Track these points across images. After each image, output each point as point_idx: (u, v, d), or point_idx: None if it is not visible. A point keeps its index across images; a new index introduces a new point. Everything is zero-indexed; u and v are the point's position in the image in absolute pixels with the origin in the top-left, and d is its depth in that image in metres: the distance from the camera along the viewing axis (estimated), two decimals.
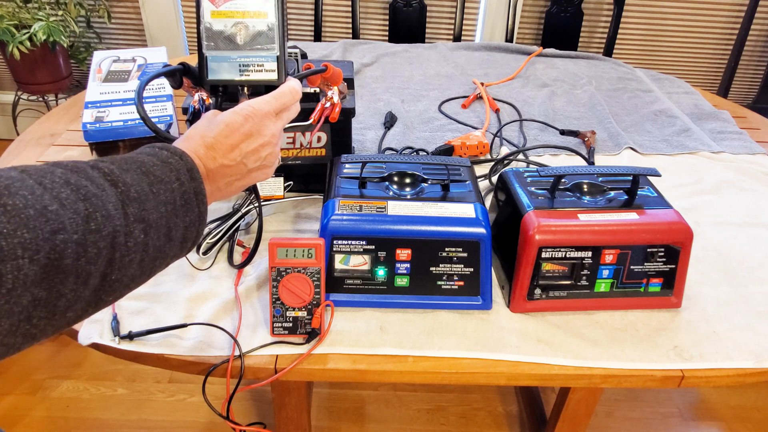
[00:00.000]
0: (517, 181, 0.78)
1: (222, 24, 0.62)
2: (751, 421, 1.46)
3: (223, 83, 0.64)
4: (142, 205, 0.45)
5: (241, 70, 0.63)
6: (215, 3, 0.61)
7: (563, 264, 0.70)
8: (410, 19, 2.06)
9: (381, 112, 1.24)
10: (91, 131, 1.01)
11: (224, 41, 0.62)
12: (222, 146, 0.54)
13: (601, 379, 0.67)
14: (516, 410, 1.45)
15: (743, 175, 1.07)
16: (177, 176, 0.49)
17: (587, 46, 2.31)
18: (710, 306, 0.76)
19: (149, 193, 0.46)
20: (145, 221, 0.45)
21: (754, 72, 2.39)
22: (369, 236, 0.69)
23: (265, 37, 0.62)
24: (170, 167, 0.49)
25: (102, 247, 0.42)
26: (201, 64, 0.63)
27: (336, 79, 0.80)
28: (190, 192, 0.49)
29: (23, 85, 2.10)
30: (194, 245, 0.52)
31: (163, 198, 0.47)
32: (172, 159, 0.50)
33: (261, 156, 0.58)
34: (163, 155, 0.50)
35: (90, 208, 0.42)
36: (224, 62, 0.63)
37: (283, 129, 0.61)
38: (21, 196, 0.38)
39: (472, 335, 0.69)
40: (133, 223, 0.44)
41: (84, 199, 0.42)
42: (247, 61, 0.63)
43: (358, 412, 1.42)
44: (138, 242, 0.45)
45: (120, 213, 0.44)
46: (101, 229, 0.42)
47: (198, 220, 0.51)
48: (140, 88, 0.59)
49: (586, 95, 1.37)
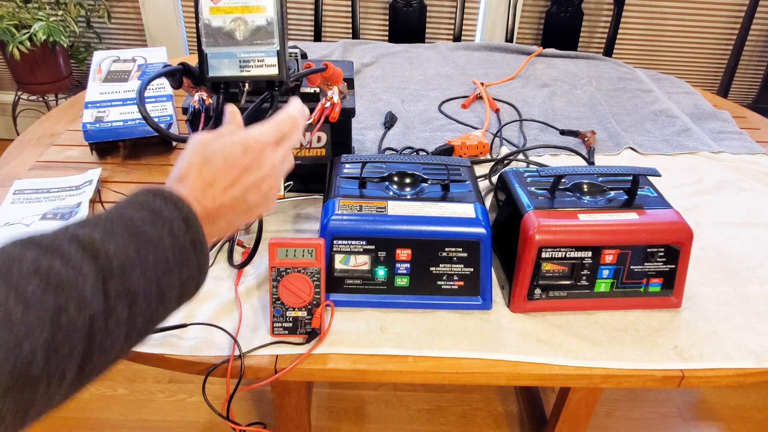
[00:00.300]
0: (517, 181, 0.78)
1: (221, 20, 0.61)
2: (751, 421, 1.46)
3: (224, 80, 0.63)
4: (127, 277, 0.42)
5: (242, 66, 0.63)
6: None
7: (563, 264, 0.70)
8: (410, 19, 2.06)
9: (381, 112, 1.24)
10: (91, 131, 1.01)
11: (224, 37, 0.62)
12: (221, 183, 0.50)
13: (601, 379, 0.67)
14: (516, 410, 1.45)
15: (743, 175, 1.07)
16: (170, 230, 0.45)
17: (587, 46, 2.31)
18: (710, 306, 0.76)
19: (135, 260, 0.42)
20: (130, 294, 0.41)
21: (754, 72, 2.39)
22: (369, 236, 0.69)
23: (264, 32, 0.62)
24: (163, 220, 0.45)
25: (76, 342, 0.38)
26: (201, 61, 0.62)
27: (336, 79, 0.80)
28: (186, 245, 0.45)
29: (23, 85, 2.10)
30: (195, 295, 0.48)
31: (153, 260, 0.43)
32: (165, 209, 0.45)
33: (262, 190, 0.54)
34: (156, 205, 0.45)
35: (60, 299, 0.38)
36: (224, 58, 0.62)
37: (284, 156, 0.57)
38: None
39: (472, 335, 0.69)
40: (115, 299, 0.41)
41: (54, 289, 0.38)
42: (248, 57, 0.62)
43: (358, 412, 1.42)
44: (121, 320, 0.41)
45: (99, 294, 0.40)
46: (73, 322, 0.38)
47: (197, 272, 0.47)
48: (141, 88, 0.59)
49: (586, 95, 1.37)
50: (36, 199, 0.91)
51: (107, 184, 0.97)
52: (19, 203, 0.90)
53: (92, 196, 0.91)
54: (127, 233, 0.43)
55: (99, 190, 0.94)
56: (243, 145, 0.53)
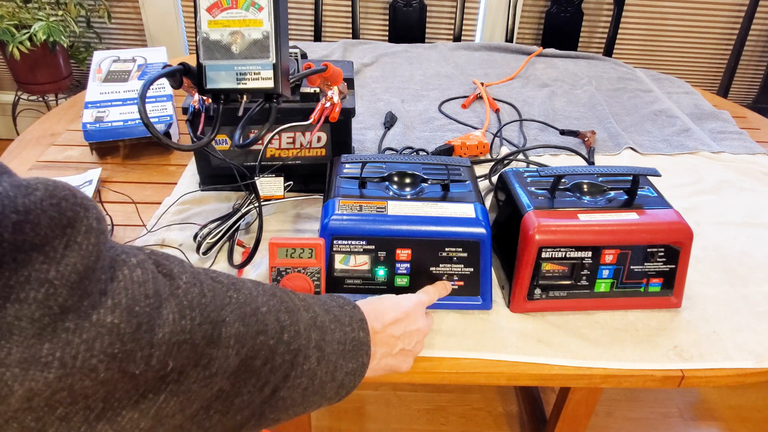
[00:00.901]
0: (517, 181, 0.78)
1: (218, 33, 0.62)
2: (751, 421, 1.46)
3: (222, 92, 0.64)
4: (323, 335, 0.49)
5: (238, 79, 0.64)
6: (212, 13, 0.62)
7: (563, 264, 0.70)
8: (410, 19, 2.06)
9: (381, 112, 1.24)
10: (91, 131, 1.01)
11: (221, 50, 0.62)
12: (387, 316, 0.57)
13: (601, 379, 0.67)
14: (516, 410, 1.45)
15: (743, 175, 1.07)
16: (350, 321, 0.52)
17: (587, 46, 2.31)
18: (710, 306, 0.76)
19: (328, 328, 0.50)
20: (321, 350, 0.48)
21: (754, 72, 2.39)
22: (369, 236, 0.69)
23: (260, 46, 0.62)
24: (345, 312, 0.53)
25: (285, 360, 0.45)
26: (199, 73, 0.63)
27: (336, 79, 0.80)
28: (358, 340, 0.52)
29: (23, 85, 2.10)
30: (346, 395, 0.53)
31: (338, 336, 0.50)
32: (347, 306, 0.54)
33: (413, 341, 0.60)
34: (340, 301, 0.54)
35: (288, 320, 0.46)
36: (221, 71, 0.63)
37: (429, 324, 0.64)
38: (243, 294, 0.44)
39: (472, 335, 0.69)
40: (313, 348, 0.47)
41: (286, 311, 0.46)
42: (244, 70, 0.63)
43: (358, 412, 1.42)
44: (311, 368, 0.47)
45: (306, 335, 0.47)
46: (291, 342, 0.45)
47: (359, 370, 0.52)
48: (143, 92, 0.59)
49: (586, 95, 1.37)
50: None
51: (107, 184, 0.97)
52: None
53: (92, 196, 0.91)
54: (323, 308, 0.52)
55: (99, 190, 0.94)
56: (407, 297, 0.62)
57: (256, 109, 0.71)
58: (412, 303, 0.61)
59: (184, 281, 0.39)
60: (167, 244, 0.82)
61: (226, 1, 0.61)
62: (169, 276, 0.39)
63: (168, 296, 0.37)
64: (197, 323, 0.38)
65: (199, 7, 0.61)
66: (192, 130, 0.77)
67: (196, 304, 0.39)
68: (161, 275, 0.39)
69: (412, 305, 0.61)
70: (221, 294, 0.42)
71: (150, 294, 0.36)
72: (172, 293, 0.38)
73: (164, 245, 0.81)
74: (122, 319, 0.33)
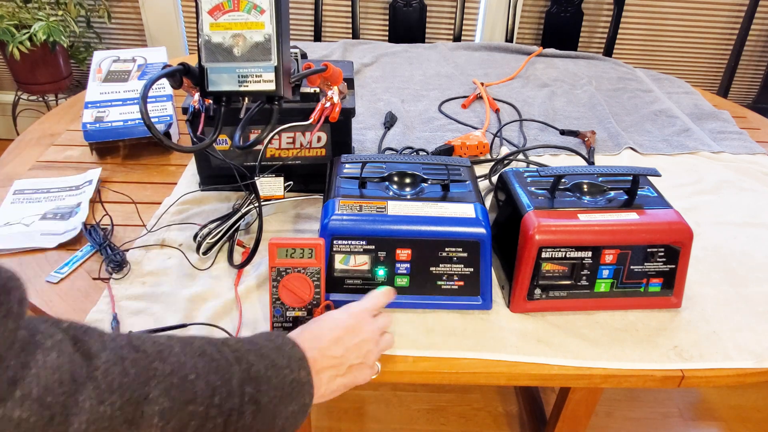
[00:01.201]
0: (517, 181, 0.78)
1: (220, 36, 0.62)
2: (751, 421, 1.46)
3: (223, 94, 0.64)
4: (258, 387, 0.47)
5: (240, 81, 0.64)
6: (214, 15, 0.62)
7: (563, 264, 0.70)
8: (410, 19, 2.06)
9: (381, 112, 1.24)
10: (91, 131, 1.01)
11: (223, 53, 0.62)
12: (324, 339, 0.56)
13: (601, 379, 0.67)
14: (516, 410, 1.45)
15: (743, 175, 1.07)
16: (288, 363, 0.50)
17: (587, 46, 2.31)
18: (710, 306, 0.76)
19: (264, 377, 0.48)
20: (257, 403, 0.46)
21: (754, 72, 2.39)
22: (369, 236, 0.69)
23: (262, 48, 0.63)
24: (283, 354, 0.51)
25: (217, 423, 0.43)
26: (201, 75, 0.63)
27: (336, 79, 0.80)
28: (298, 381, 0.51)
29: (23, 85, 2.10)
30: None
31: (276, 383, 0.48)
32: (285, 346, 0.52)
33: (362, 352, 0.59)
34: (278, 341, 0.52)
35: (219, 380, 0.44)
36: (223, 73, 0.63)
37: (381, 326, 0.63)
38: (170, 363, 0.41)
39: (472, 335, 0.69)
40: (248, 403, 0.45)
41: (216, 371, 0.44)
42: (246, 72, 0.64)
43: (358, 412, 1.42)
44: (246, 424, 0.45)
45: (240, 391, 0.45)
46: (222, 404, 0.43)
47: (302, 410, 0.51)
48: (144, 92, 0.59)
49: (586, 95, 1.37)
50: (36, 199, 0.91)
51: (107, 184, 0.97)
52: (19, 203, 0.90)
53: (92, 196, 0.91)
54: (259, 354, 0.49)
55: (99, 190, 0.94)
56: (346, 311, 0.61)
57: (255, 110, 0.71)
58: (352, 316, 0.60)
59: (103, 360, 0.37)
60: (167, 244, 0.82)
61: (228, 3, 0.61)
62: (88, 356, 0.37)
63: (85, 380, 0.35)
64: (117, 407, 0.36)
65: (200, 9, 0.62)
66: (192, 130, 0.77)
67: (116, 386, 0.37)
68: (79, 355, 0.36)
69: (353, 320, 0.60)
70: (145, 367, 0.40)
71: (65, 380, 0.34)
72: (89, 376, 0.36)
73: (164, 245, 0.81)
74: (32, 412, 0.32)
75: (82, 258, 0.79)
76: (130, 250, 0.80)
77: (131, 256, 0.79)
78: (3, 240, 0.81)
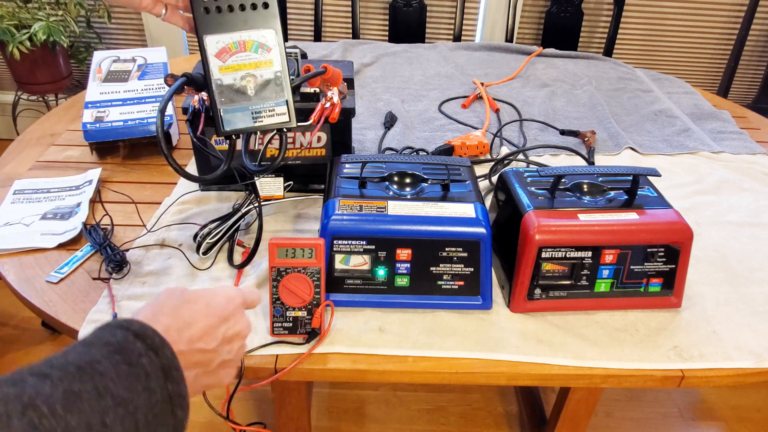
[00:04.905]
0: (517, 181, 0.78)
1: (231, 78, 0.63)
2: (751, 421, 1.46)
3: (239, 132, 0.66)
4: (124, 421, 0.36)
5: (255, 118, 0.66)
6: (222, 58, 0.62)
7: (563, 264, 0.70)
8: (410, 19, 2.06)
9: (381, 112, 1.24)
10: (91, 131, 1.01)
11: (236, 94, 0.64)
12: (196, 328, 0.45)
13: (601, 379, 0.67)
14: (516, 410, 1.45)
15: (743, 175, 1.07)
16: (146, 384, 0.38)
17: (587, 46, 2.31)
18: (710, 306, 0.76)
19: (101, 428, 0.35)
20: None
21: (754, 72, 2.39)
22: (369, 236, 0.69)
23: (273, 85, 0.64)
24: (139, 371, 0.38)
25: None
26: (216, 117, 0.65)
27: (335, 80, 0.80)
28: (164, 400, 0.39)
29: (23, 85, 2.10)
30: None
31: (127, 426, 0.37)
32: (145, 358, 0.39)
33: (233, 348, 0.49)
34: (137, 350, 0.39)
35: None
36: (237, 113, 0.65)
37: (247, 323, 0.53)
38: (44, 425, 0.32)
39: (472, 335, 0.69)
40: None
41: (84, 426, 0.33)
42: (260, 109, 0.65)
43: (358, 412, 1.42)
44: None
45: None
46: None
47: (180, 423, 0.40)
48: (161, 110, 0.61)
49: (586, 95, 1.37)
50: (36, 199, 0.91)
51: (107, 184, 0.97)
52: (19, 203, 0.90)
53: (92, 196, 0.91)
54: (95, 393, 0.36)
55: (99, 190, 0.94)
56: (226, 294, 0.49)
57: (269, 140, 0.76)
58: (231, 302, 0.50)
59: None
60: (167, 244, 0.82)
61: (234, 45, 0.62)
62: None
63: None
64: None
65: (207, 53, 0.62)
66: (192, 131, 0.77)
67: None
68: None
69: (231, 307, 0.49)
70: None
71: None
72: None
73: (164, 245, 0.81)
74: None
75: (82, 258, 0.79)
76: (130, 250, 0.80)
77: (131, 256, 0.79)
78: (3, 240, 0.81)
